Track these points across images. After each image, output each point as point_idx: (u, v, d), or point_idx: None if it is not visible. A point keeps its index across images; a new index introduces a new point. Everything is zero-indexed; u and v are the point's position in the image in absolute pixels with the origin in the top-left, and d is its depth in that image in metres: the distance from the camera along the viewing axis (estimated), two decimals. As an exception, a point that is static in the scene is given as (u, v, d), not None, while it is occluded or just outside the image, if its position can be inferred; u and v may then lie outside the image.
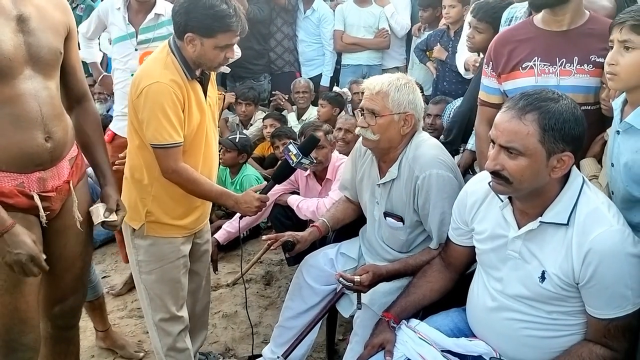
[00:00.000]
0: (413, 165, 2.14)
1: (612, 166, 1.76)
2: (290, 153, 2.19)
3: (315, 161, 2.29)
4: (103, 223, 1.95)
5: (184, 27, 1.99)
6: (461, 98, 3.16)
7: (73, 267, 2.02)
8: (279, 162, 2.30)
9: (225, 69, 4.10)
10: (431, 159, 2.13)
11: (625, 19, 1.68)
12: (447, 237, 2.00)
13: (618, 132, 1.73)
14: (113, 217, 1.95)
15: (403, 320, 1.90)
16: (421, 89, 4.06)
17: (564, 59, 2.04)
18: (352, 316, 2.33)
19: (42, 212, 1.81)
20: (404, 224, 2.22)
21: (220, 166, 4.11)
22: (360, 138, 2.24)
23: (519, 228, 1.68)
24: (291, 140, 2.62)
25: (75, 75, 1.98)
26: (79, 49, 2.46)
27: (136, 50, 3.30)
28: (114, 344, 2.85)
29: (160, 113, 1.99)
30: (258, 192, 2.22)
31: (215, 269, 2.80)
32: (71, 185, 1.92)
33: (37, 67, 1.76)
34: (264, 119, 4.56)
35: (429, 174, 2.10)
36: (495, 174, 1.61)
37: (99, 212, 1.94)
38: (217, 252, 2.76)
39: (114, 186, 2.02)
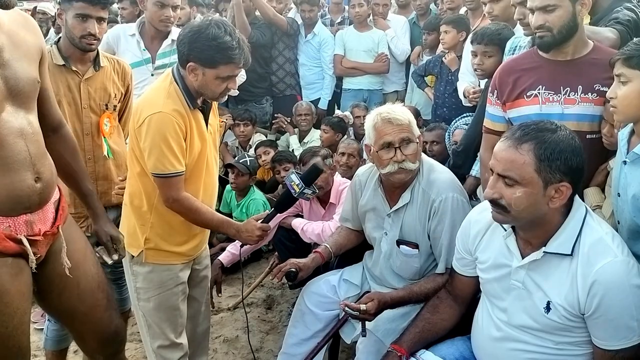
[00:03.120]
0: (428, 189, 2.16)
1: (619, 196, 1.78)
2: (292, 183, 2.19)
3: (317, 191, 2.29)
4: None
5: (187, 57, 2.00)
6: (465, 117, 3.21)
7: (96, 302, 1.95)
8: (283, 190, 2.29)
9: (234, 92, 4.15)
10: (447, 182, 2.17)
11: (620, 53, 1.74)
12: (452, 268, 2.01)
13: (625, 162, 1.75)
14: (110, 259, 1.99)
15: None
16: (419, 114, 4.15)
17: (569, 88, 2.08)
18: (354, 342, 2.32)
19: (32, 257, 1.71)
20: (419, 250, 2.22)
21: (227, 187, 4.13)
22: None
23: (523, 258, 1.69)
24: (293, 170, 2.62)
25: (49, 101, 1.86)
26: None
27: (152, 75, 3.36)
28: None
29: (162, 143, 1.99)
30: (259, 221, 2.21)
31: (219, 291, 2.78)
32: (60, 230, 1.83)
33: (17, 102, 1.62)
34: (256, 149, 4.53)
35: (445, 197, 2.12)
36: (493, 202, 1.64)
37: (102, 255, 1.98)
38: (221, 275, 2.75)
39: (103, 218, 1.98)
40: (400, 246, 2.26)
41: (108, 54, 2.69)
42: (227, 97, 2.26)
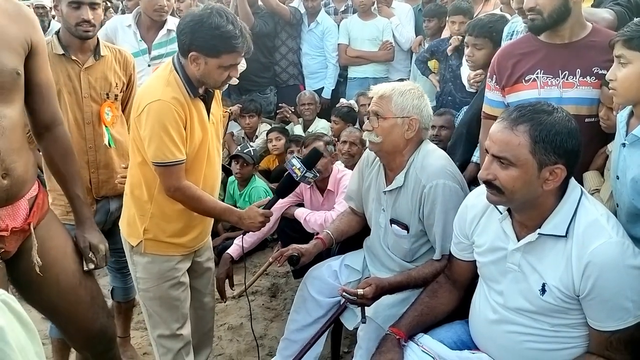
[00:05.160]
0: (420, 175, 2.16)
1: (618, 179, 1.77)
2: (294, 167, 2.19)
3: (318, 175, 2.30)
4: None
5: (189, 46, 1.99)
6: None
7: (78, 299, 1.92)
8: (284, 176, 2.29)
9: (234, 81, 4.16)
10: (439, 169, 2.16)
11: (620, 34, 1.71)
12: (450, 253, 2.01)
13: (624, 144, 1.74)
14: (87, 267, 1.91)
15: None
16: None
17: (567, 71, 2.07)
18: (356, 328, 2.34)
19: None
20: (408, 232, 2.23)
21: (229, 177, 4.15)
22: (367, 147, 2.27)
23: (518, 240, 1.69)
24: (295, 155, 2.63)
25: (42, 97, 1.79)
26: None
27: (149, 66, 3.38)
28: (124, 354, 2.86)
29: (162, 131, 1.98)
30: (261, 207, 2.22)
31: (232, 285, 2.78)
32: (31, 227, 1.77)
33: None
34: (267, 133, 4.59)
35: (435, 184, 2.12)
36: (487, 183, 1.64)
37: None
38: (232, 269, 2.74)
39: (85, 224, 1.92)
40: (393, 225, 2.27)
41: (109, 44, 2.70)
42: (227, 85, 2.24)
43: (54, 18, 5.57)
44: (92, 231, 1.91)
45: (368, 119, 2.21)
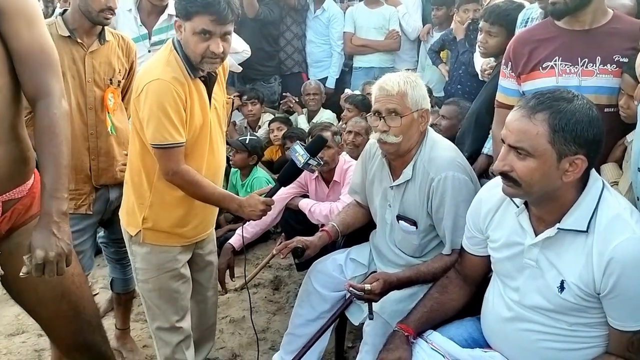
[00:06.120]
0: (428, 167, 2.08)
1: (639, 171, 1.68)
2: (297, 154, 2.10)
3: (322, 162, 2.21)
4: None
5: (176, 12, 1.94)
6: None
7: (58, 312, 1.75)
8: (286, 163, 2.21)
9: (237, 68, 4.08)
10: (447, 161, 2.08)
11: None
12: (462, 247, 1.94)
13: None
14: (21, 270, 1.50)
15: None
16: (431, 92, 4.05)
17: (586, 59, 1.98)
18: (361, 324, 2.27)
19: None
20: (417, 228, 2.15)
21: (231, 168, 4.08)
22: (372, 140, 2.18)
23: (536, 235, 1.61)
24: (297, 141, 2.54)
25: (22, 65, 1.54)
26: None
27: (149, 51, 3.30)
28: (124, 346, 2.83)
29: (160, 112, 1.91)
30: (263, 196, 2.14)
31: (232, 276, 2.71)
32: None
33: None
34: (269, 123, 4.51)
35: (444, 177, 2.04)
36: (504, 175, 1.56)
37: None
38: (233, 259, 2.67)
39: (40, 220, 1.52)
40: (400, 221, 2.19)
41: (111, 29, 2.63)
42: (233, 75, 2.16)
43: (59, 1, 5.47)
44: (43, 231, 1.49)
45: (380, 118, 2.08)
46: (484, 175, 2.73)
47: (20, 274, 1.48)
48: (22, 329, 3.03)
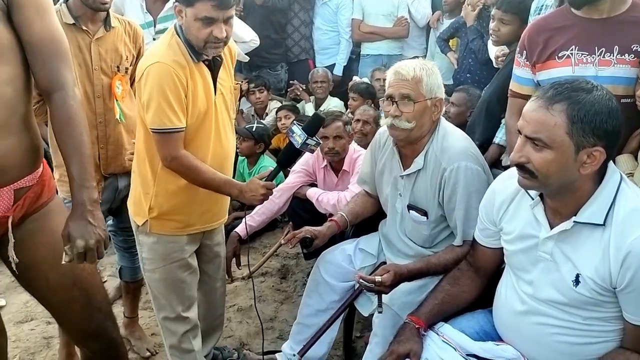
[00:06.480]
0: (440, 157, 2.06)
1: None
2: (294, 134, 2.05)
3: (321, 142, 2.18)
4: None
5: None
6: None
7: (70, 298, 1.75)
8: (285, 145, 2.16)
9: (244, 58, 4.04)
10: (460, 150, 2.05)
11: None
12: (474, 239, 1.91)
13: None
14: (63, 259, 1.55)
15: None
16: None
17: (604, 48, 1.94)
18: (371, 315, 2.26)
19: None
20: (427, 218, 2.13)
21: (239, 157, 4.06)
22: (382, 129, 2.15)
23: (551, 228, 1.58)
24: (295, 121, 2.49)
25: (34, 56, 1.55)
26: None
27: (154, 39, 3.25)
28: (132, 334, 2.83)
29: (160, 96, 1.88)
30: (263, 180, 2.09)
31: (239, 264, 2.70)
32: (10, 221, 1.60)
33: None
34: (277, 111, 4.48)
35: (457, 167, 2.01)
36: (520, 166, 1.53)
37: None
38: (239, 247, 2.66)
39: (74, 211, 1.56)
40: (410, 211, 2.17)
41: (118, 15, 2.60)
42: (240, 63, 2.11)
43: None
44: (79, 220, 1.55)
45: (393, 103, 2.06)
46: (495, 165, 2.71)
47: (62, 262, 1.53)
48: (31, 317, 3.04)
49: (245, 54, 4.02)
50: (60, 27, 1.62)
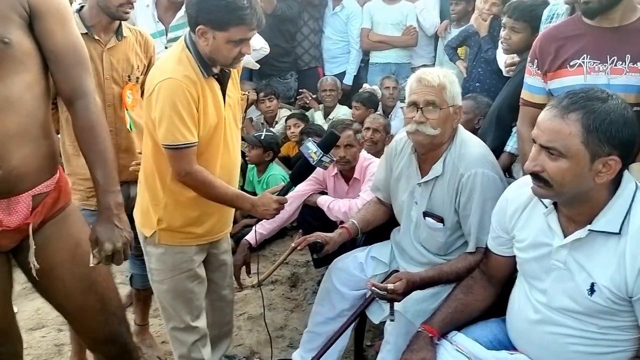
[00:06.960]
0: (458, 163, 2.07)
1: None
2: (309, 151, 2.06)
3: (335, 159, 2.19)
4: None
5: (195, 19, 1.87)
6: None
7: (86, 304, 1.78)
8: (299, 161, 2.18)
9: (255, 65, 4.06)
10: (478, 157, 2.07)
11: None
12: (487, 247, 1.91)
13: None
14: (91, 262, 1.62)
15: None
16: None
17: (615, 57, 1.94)
18: (382, 322, 2.25)
19: None
20: (444, 225, 2.14)
21: (248, 165, 4.07)
22: (398, 136, 2.15)
23: (565, 236, 1.58)
24: (310, 138, 2.51)
25: (57, 65, 1.58)
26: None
27: (166, 48, 3.27)
28: (143, 342, 2.83)
29: (172, 111, 1.88)
30: (276, 194, 2.11)
31: (248, 272, 2.70)
32: (30, 228, 1.62)
33: None
34: (287, 119, 4.50)
35: (474, 173, 2.02)
36: (534, 175, 1.53)
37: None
38: (249, 255, 2.66)
39: (101, 215, 1.62)
40: (426, 218, 2.18)
41: (129, 25, 2.62)
42: (241, 63, 2.11)
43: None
44: (106, 224, 1.60)
45: (418, 109, 2.06)
46: (506, 173, 2.70)
47: (90, 264, 1.60)
48: (42, 324, 3.05)
49: (256, 62, 4.04)
50: (80, 36, 1.66)
